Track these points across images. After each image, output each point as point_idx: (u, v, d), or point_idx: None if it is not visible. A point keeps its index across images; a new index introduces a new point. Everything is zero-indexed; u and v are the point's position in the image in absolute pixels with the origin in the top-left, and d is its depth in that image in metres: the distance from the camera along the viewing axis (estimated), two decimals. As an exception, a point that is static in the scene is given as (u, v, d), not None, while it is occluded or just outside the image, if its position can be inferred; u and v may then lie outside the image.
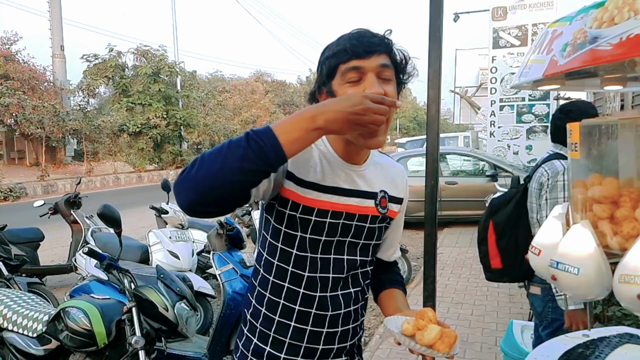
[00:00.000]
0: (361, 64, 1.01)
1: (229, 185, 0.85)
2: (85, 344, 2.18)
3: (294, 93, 41.50)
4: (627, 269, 0.93)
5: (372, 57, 1.02)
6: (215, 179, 0.84)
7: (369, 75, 1.02)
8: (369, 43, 1.02)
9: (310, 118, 0.87)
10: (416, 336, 1.01)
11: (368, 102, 0.88)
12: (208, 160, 0.86)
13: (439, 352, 0.97)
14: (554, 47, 1.01)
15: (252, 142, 0.84)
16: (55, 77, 21.74)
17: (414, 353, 1.03)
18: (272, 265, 1.13)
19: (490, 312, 4.21)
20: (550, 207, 1.93)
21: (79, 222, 5.30)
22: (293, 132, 0.87)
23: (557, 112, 2.17)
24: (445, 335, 0.98)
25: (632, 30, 0.83)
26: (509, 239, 2.14)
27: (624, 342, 1.46)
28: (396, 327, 1.06)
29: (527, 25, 9.19)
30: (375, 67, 1.02)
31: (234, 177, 0.84)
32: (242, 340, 1.19)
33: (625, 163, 1.12)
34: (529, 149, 9.22)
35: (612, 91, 1.57)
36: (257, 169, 0.85)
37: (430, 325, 0.99)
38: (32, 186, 14.91)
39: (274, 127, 0.87)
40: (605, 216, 1.06)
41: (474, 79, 15.87)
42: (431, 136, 2.33)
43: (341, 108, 0.88)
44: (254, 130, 0.87)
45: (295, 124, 0.88)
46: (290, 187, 1.06)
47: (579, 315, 1.91)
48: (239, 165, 0.83)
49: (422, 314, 1.02)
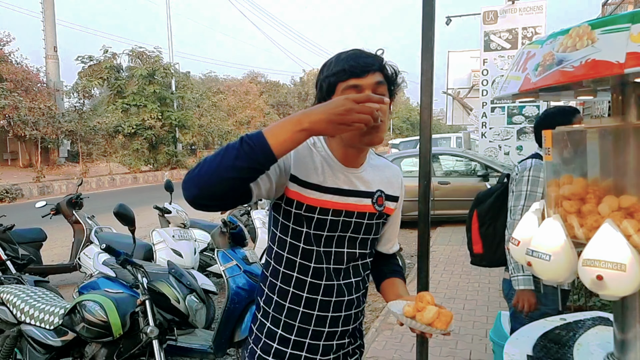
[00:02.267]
0: (359, 82, 1.15)
1: (225, 182, 0.98)
2: (101, 334, 2.32)
3: (287, 94, 41.62)
4: (589, 255, 1.10)
5: (368, 76, 1.16)
6: (212, 176, 0.97)
7: (366, 92, 1.14)
8: (364, 63, 1.16)
9: (297, 121, 0.98)
10: (416, 317, 1.14)
11: (350, 102, 0.98)
12: (209, 161, 1.00)
13: (437, 329, 1.11)
14: (528, 67, 1.17)
15: (244, 144, 0.97)
16: (48, 78, 21.71)
17: (415, 331, 1.17)
18: (282, 258, 1.27)
19: (481, 306, 4.40)
20: (515, 199, 2.18)
21: (81, 222, 5.42)
22: (281, 134, 0.98)
23: (539, 117, 2.36)
24: (442, 314, 1.13)
25: (589, 56, 1.00)
26: (488, 227, 2.38)
27: (596, 324, 1.64)
28: (398, 310, 1.20)
29: (517, 29, 9.41)
30: (371, 84, 1.16)
31: (228, 174, 0.97)
32: (256, 325, 1.33)
33: (592, 165, 1.29)
34: (519, 149, 9.43)
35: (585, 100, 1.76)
36: (248, 167, 0.97)
37: (428, 307, 1.13)
38: (28, 187, 14.93)
39: (265, 130, 0.99)
40: (573, 211, 1.23)
41: (466, 80, 16.10)
42: (424, 139, 2.50)
43: (325, 110, 0.98)
44: (248, 135, 0.99)
45: (283, 127, 0.99)
46: (295, 188, 1.20)
47: (526, 295, 2.16)
48: (232, 164, 0.96)
49: (421, 297, 1.17)
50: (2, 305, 2.68)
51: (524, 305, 2.17)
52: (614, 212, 1.14)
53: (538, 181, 2.16)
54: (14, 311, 2.61)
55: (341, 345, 1.32)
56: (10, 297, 2.67)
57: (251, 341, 1.33)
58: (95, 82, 19.47)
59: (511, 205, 2.22)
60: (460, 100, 15.73)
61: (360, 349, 1.42)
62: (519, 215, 2.16)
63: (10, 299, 2.66)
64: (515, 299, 2.21)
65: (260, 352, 1.29)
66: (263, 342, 1.29)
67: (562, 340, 1.54)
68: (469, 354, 3.45)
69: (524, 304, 2.17)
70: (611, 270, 1.05)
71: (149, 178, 20.22)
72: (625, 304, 1.29)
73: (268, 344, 1.28)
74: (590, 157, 1.30)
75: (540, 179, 2.15)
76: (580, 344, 1.49)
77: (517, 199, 2.19)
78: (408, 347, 3.58)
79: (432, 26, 2.40)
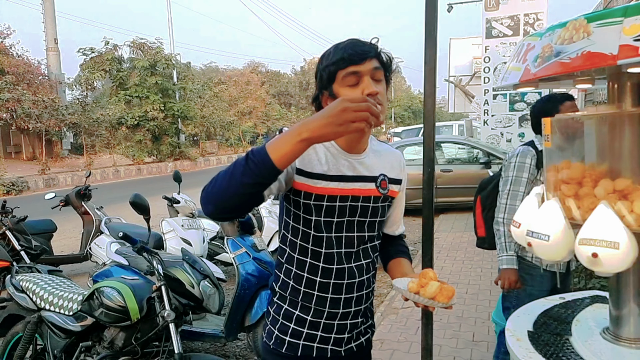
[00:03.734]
0: (358, 69, 1.22)
1: (236, 197, 1.04)
2: (120, 319, 2.42)
3: (288, 83, 41.54)
4: (585, 235, 1.18)
5: (365, 62, 1.22)
6: (225, 193, 1.05)
7: (365, 77, 1.22)
8: (361, 51, 1.23)
9: (296, 133, 1.00)
10: (420, 292, 1.23)
11: (345, 102, 0.99)
12: (220, 179, 1.06)
13: (440, 302, 1.19)
14: (528, 58, 1.24)
15: (249, 161, 1.02)
16: (49, 70, 21.72)
17: (419, 305, 1.25)
18: (296, 245, 1.34)
19: (484, 290, 4.49)
20: (503, 184, 2.32)
21: (90, 213, 5.52)
22: (282, 148, 1.01)
23: (533, 105, 2.44)
24: (444, 289, 1.20)
25: (585, 48, 1.07)
26: (489, 211, 2.50)
27: (594, 302, 1.72)
28: (403, 285, 1.28)
29: (519, 16, 9.39)
30: (369, 70, 1.23)
31: (238, 190, 1.03)
32: (273, 307, 1.40)
33: (589, 151, 1.36)
34: (521, 136, 9.47)
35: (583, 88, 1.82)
36: (255, 182, 1.02)
37: (431, 282, 1.21)
38: (33, 180, 15.06)
39: (267, 145, 1.02)
40: (571, 194, 1.30)
41: (468, 67, 16.05)
42: (427, 128, 2.57)
43: (321, 116, 1.00)
44: (253, 151, 1.03)
45: (284, 140, 1.01)
46: (301, 180, 1.26)
47: (508, 273, 2.31)
48: (241, 181, 1.02)
49: (424, 274, 1.24)
50: (23, 292, 2.78)
51: (504, 283, 2.32)
52: (609, 194, 1.21)
53: (524, 167, 2.27)
54: (34, 298, 2.72)
55: (354, 325, 1.39)
56: (30, 285, 2.77)
57: (268, 322, 1.40)
58: (98, 74, 19.47)
59: (500, 190, 2.36)
60: (462, 87, 15.71)
61: (371, 328, 1.50)
62: (504, 199, 2.30)
63: (30, 287, 2.76)
64: (498, 277, 2.37)
65: (277, 332, 1.36)
66: (280, 323, 1.36)
67: (561, 317, 1.63)
68: (472, 336, 3.56)
69: (505, 281, 2.32)
70: (605, 248, 1.13)
71: (152, 169, 20.31)
72: (620, 282, 1.37)
73: (285, 325, 1.35)
74: (588, 143, 1.37)
75: (526, 164, 2.27)
76: (579, 320, 1.57)
77: (504, 184, 2.32)
78: (413, 330, 3.68)
79: (435, 16, 2.46)
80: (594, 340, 1.42)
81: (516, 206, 2.27)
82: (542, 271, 2.31)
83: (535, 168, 2.28)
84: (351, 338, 1.40)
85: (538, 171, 2.29)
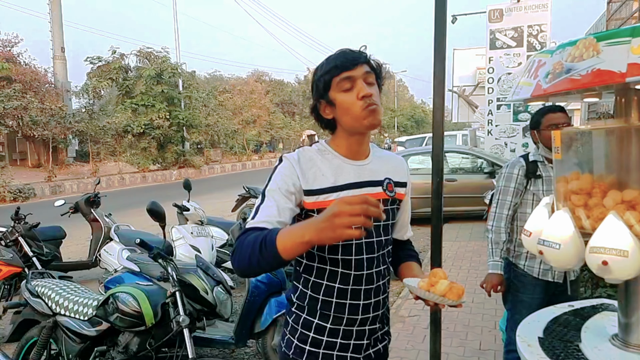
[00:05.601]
0: (351, 74, 1.29)
1: (257, 272, 1.22)
2: (135, 324, 2.47)
3: (292, 92, 41.76)
4: (595, 243, 1.23)
5: (357, 67, 1.29)
6: (248, 270, 1.22)
7: (359, 81, 1.28)
8: (352, 57, 1.31)
9: (300, 235, 1.08)
10: (430, 289, 1.25)
11: (340, 206, 1.01)
12: (240, 254, 1.19)
13: (450, 299, 1.23)
14: (539, 74, 1.30)
15: (263, 251, 1.12)
16: (56, 78, 21.94)
17: (429, 303, 1.28)
18: (313, 255, 1.37)
19: (490, 299, 4.49)
20: (495, 193, 2.49)
21: (99, 220, 5.57)
22: (288, 245, 1.09)
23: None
24: (454, 288, 1.24)
25: (595, 65, 1.13)
26: None
27: (602, 310, 1.77)
28: (414, 284, 1.31)
29: (522, 27, 9.48)
30: (362, 74, 1.29)
31: (258, 271, 1.21)
32: (291, 317, 1.41)
33: (597, 162, 1.42)
34: (525, 146, 9.50)
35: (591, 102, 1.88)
36: (269, 268, 1.19)
37: (441, 280, 1.25)
38: (40, 187, 15.15)
39: (277, 239, 1.10)
40: (580, 204, 1.36)
41: (472, 78, 16.13)
42: (436, 139, 2.63)
43: (318, 220, 1.05)
44: (265, 242, 1.12)
45: (290, 239, 1.09)
46: (312, 199, 1.31)
47: (491, 277, 2.44)
48: (257, 264, 1.15)
49: (434, 273, 1.28)
50: (38, 297, 2.83)
51: (488, 286, 2.46)
52: (617, 204, 1.27)
53: (512, 177, 2.41)
54: (49, 303, 2.77)
55: (373, 331, 1.42)
56: (45, 290, 2.82)
57: (287, 332, 1.41)
58: (105, 82, 19.65)
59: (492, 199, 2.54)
60: (465, 97, 15.77)
61: (388, 335, 1.52)
62: (493, 207, 2.48)
63: (46, 292, 2.81)
64: (483, 280, 2.49)
65: (297, 341, 1.37)
66: (300, 332, 1.38)
67: (571, 324, 1.67)
68: (479, 345, 3.58)
69: (488, 285, 2.45)
70: (615, 256, 1.18)
71: (157, 177, 20.41)
72: (628, 290, 1.42)
73: (304, 334, 1.37)
74: (596, 155, 1.43)
75: (514, 175, 2.40)
76: (587, 327, 1.61)
77: (495, 194, 2.49)
78: (420, 338, 3.71)
79: (444, 32, 2.54)
80: (604, 347, 1.46)
81: (503, 214, 2.43)
82: (533, 279, 2.40)
83: (525, 178, 2.39)
84: (369, 344, 1.42)
85: (528, 181, 2.39)
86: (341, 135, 1.37)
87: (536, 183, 2.37)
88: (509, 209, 2.41)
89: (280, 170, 1.33)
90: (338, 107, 1.32)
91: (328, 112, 1.36)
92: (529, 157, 2.43)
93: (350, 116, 1.31)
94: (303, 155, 1.36)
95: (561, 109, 2.37)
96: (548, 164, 2.36)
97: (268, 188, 1.31)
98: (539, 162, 2.40)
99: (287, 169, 1.32)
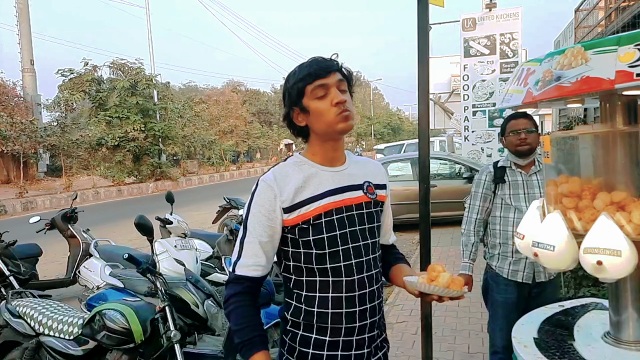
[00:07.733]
0: (324, 81, 1.31)
1: None
2: (123, 341, 2.41)
3: (268, 101, 41.79)
4: (589, 244, 1.27)
5: (331, 75, 1.32)
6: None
7: (332, 89, 1.31)
8: (326, 65, 1.33)
9: None
10: (433, 282, 1.28)
11: None
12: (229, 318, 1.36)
13: (454, 290, 1.25)
14: (529, 82, 1.34)
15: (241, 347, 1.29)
16: (25, 92, 21.41)
17: (433, 297, 1.30)
18: (301, 269, 1.35)
19: (475, 302, 4.57)
20: (468, 199, 2.62)
21: (77, 236, 5.43)
22: None
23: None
24: (454, 279, 1.27)
25: (584, 73, 1.17)
26: None
27: (592, 309, 1.82)
28: (415, 281, 1.33)
29: (495, 35, 9.75)
30: (335, 82, 1.32)
31: None
32: (288, 336, 1.38)
33: (585, 165, 1.47)
34: (501, 151, 9.71)
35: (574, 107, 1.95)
36: None
37: (442, 273, 1.27)
38: (11, 204, 14.65)
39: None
40: (571, 206, 1.40)
41: (447, 85, 16.50)
42: (422, 145, 2.67)
43: None
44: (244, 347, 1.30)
45: None
46: (293, 215, 1.31)
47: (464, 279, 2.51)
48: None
49: (432, 268, 1.30)
50: (19, 318, 2.74)
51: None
52: (607, 206, 1.31)
53: (480, 183, 2.57)
54: (32, 323, 2.68)
55: (372, 338, 1.41)
56: (27, 310, 2.73)
57: (285, 352, 1.39)
58: (77, 95, 19.24)
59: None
60: (441, 105, 16.09)
61: (386, 342, 1.51)
62: (465, 212, 2.63)
63: (28, 312, 2.72)
64: None
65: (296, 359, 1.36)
66: (298, 350, 1.36)
67: (563, 324, 1.71)
68: (467, 348, 3.62)
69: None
70: (609, 256, 1.22)
71: (133, 190, 20.00)
72: (619, 289, 1.47)
73: (303, 352, 1.35)
74: (584, 159, 1.48)
75: (481, 180, 2.57)
76: (579, 326, 1.65)
77: (467, 198, 2.64)
78: (409, 344, 3.73)
79: (427, 43, 2.59)
80: (597, 345, 1.51)
81: (473, 218, 2.59)
82: (504, 280, 2.52)
83: (492, 183, 2.53)
84: (370, 353, 1.41)
85: (496, 186, 2.52)
86: (315, 143, 1.39)
87: (503, 188, 2.50)
88: (477, 212, 2.56)
89: (256, 198, 1.34)
90: (312, 114, 1.34)
91: (301, 120, 1.37)
92: (498, 163, 2.57)
93: (324, 122, 1.33)
94: (279, 172, 1.36)
95: (524, 115, 2.46)
96: (516, 169, 2.50)
97: (249, 220, 1.34)
98: (507, 167, 2.52)
99: (264, 193, 1.33)
